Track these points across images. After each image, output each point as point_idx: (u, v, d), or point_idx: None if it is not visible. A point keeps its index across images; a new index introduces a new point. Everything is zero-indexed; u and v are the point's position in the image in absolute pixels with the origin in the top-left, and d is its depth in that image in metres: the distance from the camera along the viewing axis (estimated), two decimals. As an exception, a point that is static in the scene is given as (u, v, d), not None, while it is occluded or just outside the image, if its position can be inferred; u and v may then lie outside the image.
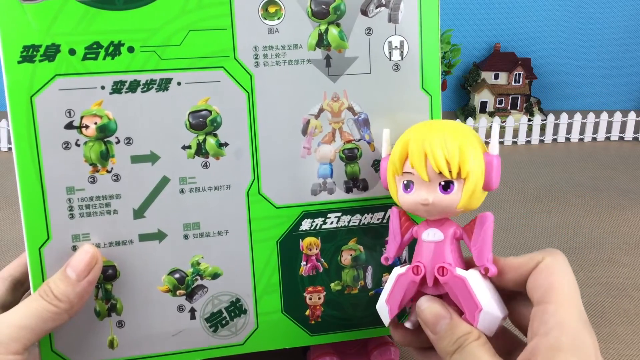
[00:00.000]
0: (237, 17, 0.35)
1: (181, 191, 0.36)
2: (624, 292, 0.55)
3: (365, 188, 0.38)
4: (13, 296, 0.38)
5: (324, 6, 0.36)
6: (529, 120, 1.01)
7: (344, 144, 0.38)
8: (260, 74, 0.36)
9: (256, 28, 0.36)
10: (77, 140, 0.35)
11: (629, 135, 1.00)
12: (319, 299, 0.39)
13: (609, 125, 1.00)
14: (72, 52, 0.34)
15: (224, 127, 0.36)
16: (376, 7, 0.37)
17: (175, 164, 0.36)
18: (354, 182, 0.38)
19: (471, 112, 1.05)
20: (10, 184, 0.80)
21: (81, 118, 0.35)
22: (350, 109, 0.38)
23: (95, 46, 0.34)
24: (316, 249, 0.39)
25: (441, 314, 0.32)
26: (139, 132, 0.35)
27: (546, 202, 0.75)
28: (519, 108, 1.06)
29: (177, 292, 0.37)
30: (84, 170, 0.35)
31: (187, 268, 0.37)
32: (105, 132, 0.35)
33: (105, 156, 0.35)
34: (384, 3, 0.37)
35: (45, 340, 0.36)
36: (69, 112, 0.35)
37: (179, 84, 0.35)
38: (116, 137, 0.35)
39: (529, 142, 0.99)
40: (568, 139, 1.00)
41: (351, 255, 0.39)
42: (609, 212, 0.72)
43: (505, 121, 0.99)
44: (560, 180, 0.82)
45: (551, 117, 0.98)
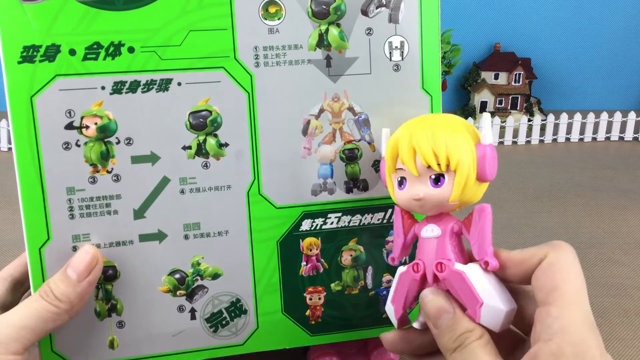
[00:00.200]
0: (238, 17, 0.35)
1: (181, 191, 0.36)
2: (624, 292, 0.55)
3: (366, 188, 0.38)
4: (13, 296, 0.38)
5: (324, 6, 0.36)
6: (529, 120, 1.01)
7: (344, 144, 0.38)
8: (260, 74, 0.36)
9: (256, 28, 0.36)
10: (78, 140, 0.35)
11: (629, 135, 1.00)
12: (319, 299, 0.39)
13: (609, 125, 1.00)
14: (72, 52, 0.34)
15: (224, 127, 0.36)
16: (376, 8, 0.37)
17: (176, 164, 0.36)
18: (354, 183, 0.38)
19: (471, 112, 1.05)
20: (11, 184, 0.80)
21: (81, 118, 0.35)
22: (351, 109, 0.38)
23: (95, 46, 0.34)
24: (316, 249, 0.39)
25: (444, 307, 0.31)
26: (139, 133, 0.35)
27: (546, 202, 0.75)
28: (519, 108, 1.06)
29: (178, 293, 0.37)
30: (84, 171, 0.35)
31: (188, 268, 0.37)
32: (105, 132, 0.35)
33: (106, 156, 0.35)
34: (384, 3, 0.37)
35: (46, 341, 0.36)
36: (69, 113, 0.35)
37: (179, 84, 0.35)
38: (116, 138, 0.35)
39: (529, 142, 0.99)
40: (568, 139, 1.00)
41: (351, 256, 0.39)
42: (609, 212, 0.72)
43: (505, 121, 0.99)
44: (560, 180, 0.82)
45: (551, 117, 0.98)
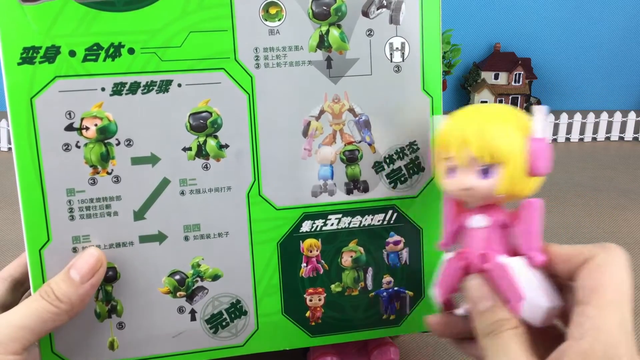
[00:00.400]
0: (238, 18, 0.35)
1: (181, 193, 0.36)
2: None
3: (366, 190, 0.38)
4: (13, 296, 0.38)
5: (325, 7, 0.36)
6: (529, 120, 1.01)
7: (345, 145, 0.38)
8: (260, 75, 0.36)
9: (257, 29, 0.36)
10: (78, 141, 0.35)
11: (629, 135, 1.00)
12: (320, 300, 0.39)
13: (609, 125, 1.01)
14: (72, 53, 0.34)
15: (224, 128, 0.36)
16: (377, 9, 0.37)
17: (176, 165, 0.36)
18: (354, 184, 0.38)
19: (471, 112, 1.05)
20: (10, 184, 0.80)
21: (81, 120, 0.35)
22: (351, 110, 0.38)
23: (95, 48, 0.34)
24: (316, 251, 0.38)
25: (486, 293, 0.30)
26: (139, 134, 0.35)
27: (546, 202, 0.75)
28: (519, 108, 1.06)
29: (178, 294, 0.37)
30: (84, 172, 0.35)
31: (188, 269, 0.37)
32: (105, 133, 0.35)
33: (106, 158, 0.35)
34: (385, 4, 0.37)
35: (46, 342, 0.36)
36: (69, 114, 0.34)
37: (179, 85, 0.35)
38: (116, 139, 0.35)
39: (529, 142, 0.99)
40: (568, 139, 1.00)
41: (351, 257, 0.39)
42: (609, 212, 0.72)
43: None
44: (560, 180, 0.82)
45: (551, 117, 0.98)
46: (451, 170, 0.32)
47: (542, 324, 0.30)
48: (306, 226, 0.38)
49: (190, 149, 0.36)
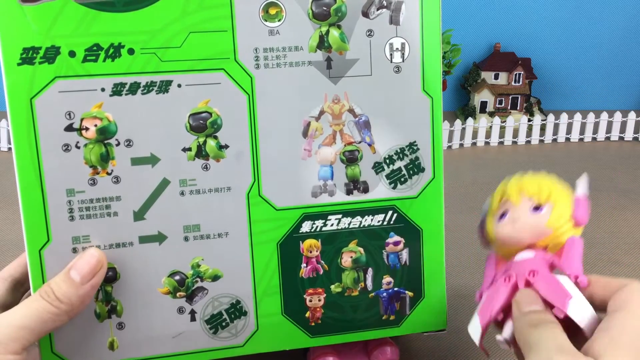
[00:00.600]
0: (238, 19, 0.35)
1: (181, 193, 0.36)
2: (624, 293, 0.55)
3: (366, 190, 0.38)
4: (13, 296, 0.38)
5: (324, 8, 0.36)
6: (529, 120, 1.01)
7: (345, 146, 0.38)
8: (260, 75, 0.36)
9: (257, 30, 0.36)
10: (77, 142, 0.35)
11: (629, 135, 1.00)
12: (319, 301, 0.39)
13: (609, 125, 1.00)
14: (72, 54, 0.34)
15: (224, 129, 0.36)
16: (377, 9, 0.37)
17: (176, 166, 0.36)
18: (354, 184, 0.38)
19: (471, 112, 1.05)
20: (10, 184, 0.80)
21: (81, 120, 0.35)
22: (351, 111, 0.38)
23: (95, 48, 0.34)
24: (316, 251, 0.38)
25: (534, 299, 0.32)
26: (139, 134, 0.35)
27: (546, 203, 0.75)
28: (519, 108, 1.06)
29: (177, 294, 0.37)
30: (84, 173, 0.35)
31: (187, 270, 0.37)
32: (105, 134, 0.35)
33: (106, 158, 0.35)
34: (385, 5, 0.37)
35: (46, 342, 0.36)
36: (69, 114, 0.34)
37: (179, 86, 0.35)
38: (116, 139, 0.35)
39: (529, 142, 0.99)
40: (568, 139, 0.99)
41: (351, 258, 0.39)
42: (609, 212, 0.72)
43: (505, 121, 0.99)
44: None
45: (551, 117, 0.98)
46: (503, 214, 0.36)
47: (585, 325, 0.31)
48: (306, 227, 0.38)
49: (190, 149, 0.36)
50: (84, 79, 0.34)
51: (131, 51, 0.34)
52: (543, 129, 1.00)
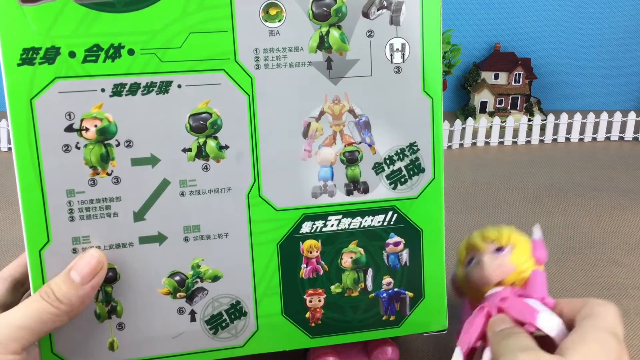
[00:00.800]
0: (238, 19, 0.35)
1: (181, 194, 0.36)
2: (624, 292, 0.55)
3: (366, 191, 0.38)
4: (13, 296, 0.38)
5: (325, 8, 0.36)
6: (529, 120, 1.01)
7: (345, 146, 0.38)
8: (260, 76, 0.36)
9: (257, 30, 0.36)
10: (77, 142, 0.35)
11: (629, 135, 1.00)
12: (319, 301, 0.39)
13: (609, 125, 1.00)
14: (72, 54, 0.34)
15: (224, 129, 0.36)
16: (378, 10, 0.37)
17: (176, 166, 0.36)
18: (354, 185, 0.38)
19: (471, 112, 1.05)
20: (10, 184, 0.80)
21: (81, 121, 0.35)
22: (351, 111, 0.38)
23: (95, 49, 0.34)
24: (316, 252, 0.38)
25: (506, 320, 0.35)
26: (139, 135, 0.35)
27: (546, 202, 0.75)
28: (519, 108, 1.06)
29: (177, 295, 0.37)
30: (84, 173, 0.35)
31: (188, 270, 0.37)
32: (105, 134, 0.35)
33: (106, 159, 0.35)
34: (385, 5, 0.37)
35: (46, 342, 0.36)
36: (69, 115, 0.34)
37: (179, 86, 0.35)
38: (116, 140, 0.35)
39: (529, 142, 0.99)
40: (568, 139, 0.99)
41: (351, 258, 0.39)
42: (609, 212, 0.72)
43: (505, 121, 0.99)
44: (560, 180, 0.82)
45: (551, 117, 0.98)
46: (470, 260, 0.42)
47: (556, 335, 0.34)
48: (306, 227, 0.38)
49: (190, 150, 0.36)
50: (84, 79, 0.34)
51: (131, 52, 0.34)
52: (543, 129, 1.00)
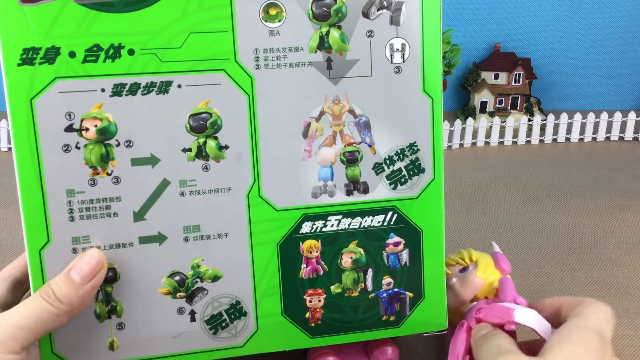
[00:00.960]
0: (238, 19, 0.35)
1: (181, 194, 0.36)
2: (624, 292, 0.55)
3: (366, 191, 0.38)
4: (13, 296, 0.38)
5: (325, 8, 0.36)
6: (529, 120, 1.01)
7: (345, 146, 0.38)
8: (261, 76, 0.36)
9: (257, 30, 0.36)
10: (77, 142, 0.35)
11: (629, 135, 1.00)
12: (319, 301, 0.39)
13: (609, 125, 1.00)
14: (72, 54, 0.34)
15: (224, 129, 0.36)
16: (378, 10, 0.37)
17: (176, 166, 0.36)
18: (354, 185, 0.38)
19: (471, 112, 1.05)
20: (10, 184, 0.80)
21: (81, 121, 0.35)
22: (351, 111, 0.38)
23: (95, 49, 0.34)
24: (316, 252, 0.38)
25: (486, 327, 0.36)
26: (139, 135, 0.35)
27: (546, 202, 0.75)
28: (519, 108, 1.06)
29: (177, 295, 0.37)
30: (84, 173, 0.35)
31: (187, 270, 0.37)
32: (105, 134, 0.35)
33: (106, 159, 0.35)
34: (385, 5, 0.37)
35: (46, 342, 0.36)
36: (69, 115, 0.34)
37: (179, 86, 0.35)
38: (116, 140, 0.35)
39: (529, 142, 0.99)
40: (568, 139, 0.99)
41: (351, 258, 0.39)
42: (609, 212, 0.72)
43: (505, 121, 0.99)
44: (560, 180, 0.82)
45: (551, 117, 0.98)
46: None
47: (539, 329, 0.35)
48: (306, 227, 0.38)
49: (190, 150, 0.36)
50: (84, 79, 0.34)
51: (131, 52, 0.34)
52: (543, 129, 1.00)
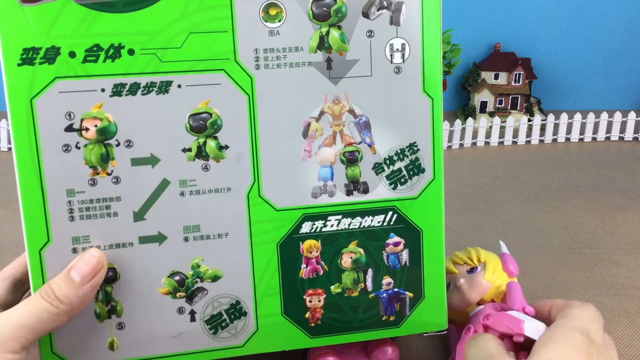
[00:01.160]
0: (238, 19, 0.35)
1: (181, 194, 0.36)
2: (624, 292, 0.55)
3: (366, 191, 0.38)
4: (14, 296, 0.38)
5: (325, 8, 0.36)
6: (529, 120, 1.01)
7: (345, 146, 0.38)
8: (260, 76, 0.36)
9: (257, 30, 0.36)
10: (77, 142, 0.35)
11: (629, 135, 1.00)
12: (319, 301, 0.39)
13: (609, 125, 1.00)
14: (72, 54, 0.34)
15: (224, 129, 0.36)
16: (378, 10, 0.37)
17: (176, 166, 0.36)
18: (354, 185, 0.38)
19: (471, 112, 1.05)
20: (10, 184, 0.80)
21: (81, 121, 0.35)
22: (351, 111, 0.38)
23: (95, 49, 0.34)
24: (316, 252, 0.38)
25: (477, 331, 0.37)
26: (139, 135, 0.35)
27: (546, 202, 0.75)
28: (519, 108, 1.06)
29: (177, 295, 0.37)
30: (84, 173, 0.35)
31: (187, 270, 0.37)
32: (105, 134, 0.35)
33: (106, 159, 0.35)
34: (385, 5, 0.37)
35: (46, 342, 0.36)
36: (69, 115, 0.34)
37: (179, 86, 0.35)
38: (116, 140, 0.35)
39: (529, 142, 0.99)
40: (568, 139, 0.99)
41: (351, 258, 0.39)
42: (609, 212, 0.72)
43: (505, 121, 0.99)
44: (560, 180, 0.82)
45: (551, 117, 0.98)
46: (447, 286, 0.43)
47: None
48: (306, 227, 0.38)
49: (190, 149, 0.36)
50: (84, 79, 0.34)
51: (131, 52, 0.34)
52: (543, 129, 1.00)
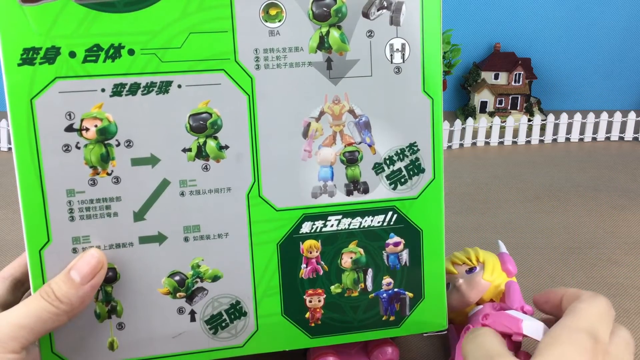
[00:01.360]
0: (238, 19, 0.35)
1: (181, 194, 0.36)
2: (624, 292, 0.55)
3: (366, 191, 0.38)
4: (14, 296, 0.38)
5: (325, 9, 0.36)
6: (529, 120, 1.01)
7: (345, 146, 0.38)
8: (261, 76, 0.36)
9: (257, 30, 0.36)
10: (78, 142, 0.35)
11: (629, 135, 1.00)
12: (319, 301, 0.39)
13: (609, 125, 1.00)
14: (72, 54, 0.34)
15: (224, 129, 0.36)
16: (378, 10, 0.37)
17: (176, 166, 0.36)
18: (354, 185, 0.38)
19: (471, 112, 1.05)
20: (10, 184, 0.80)
21: (81, 121, 0.35)
22: (351, 111, 0.38)
23: (95, 49, 0.34)
24: (316, 252, 0.39)
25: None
26: (139, 135, 0.35)
27: (546, 202, 0.75)
28: (519, 108, 1.06)
29: (177, 295, 0.37)
30: (84, 173, 0.35)
31: (187, 270, 0.37)
32: (105, 134, 0.35)
33: (106, 159, 0.35)
34: (385, 5, 0.37)
35: (46, 342, 0.36)
36: (69, 115, 0.34)
37: (179, 86, 0.35)
38: (116, 140, 0.35)
39: (529, 142, 0.99)
40: (568, 139, 0.99)
41: (351, 258, 0.39)
42: (609, 212, 0.72)
43: (505, 121, 0.99)
44: (560, 180, 0.82)
45: (551, 117, 0.98)
46: (447, 286, 0.43)
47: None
48: (306, 227, 0.38)
49: (190, 150, 0.36)
50: (84, 79, 0.34)
51: (131, 52, 0.34)
52: (543, 129, 1.00)
